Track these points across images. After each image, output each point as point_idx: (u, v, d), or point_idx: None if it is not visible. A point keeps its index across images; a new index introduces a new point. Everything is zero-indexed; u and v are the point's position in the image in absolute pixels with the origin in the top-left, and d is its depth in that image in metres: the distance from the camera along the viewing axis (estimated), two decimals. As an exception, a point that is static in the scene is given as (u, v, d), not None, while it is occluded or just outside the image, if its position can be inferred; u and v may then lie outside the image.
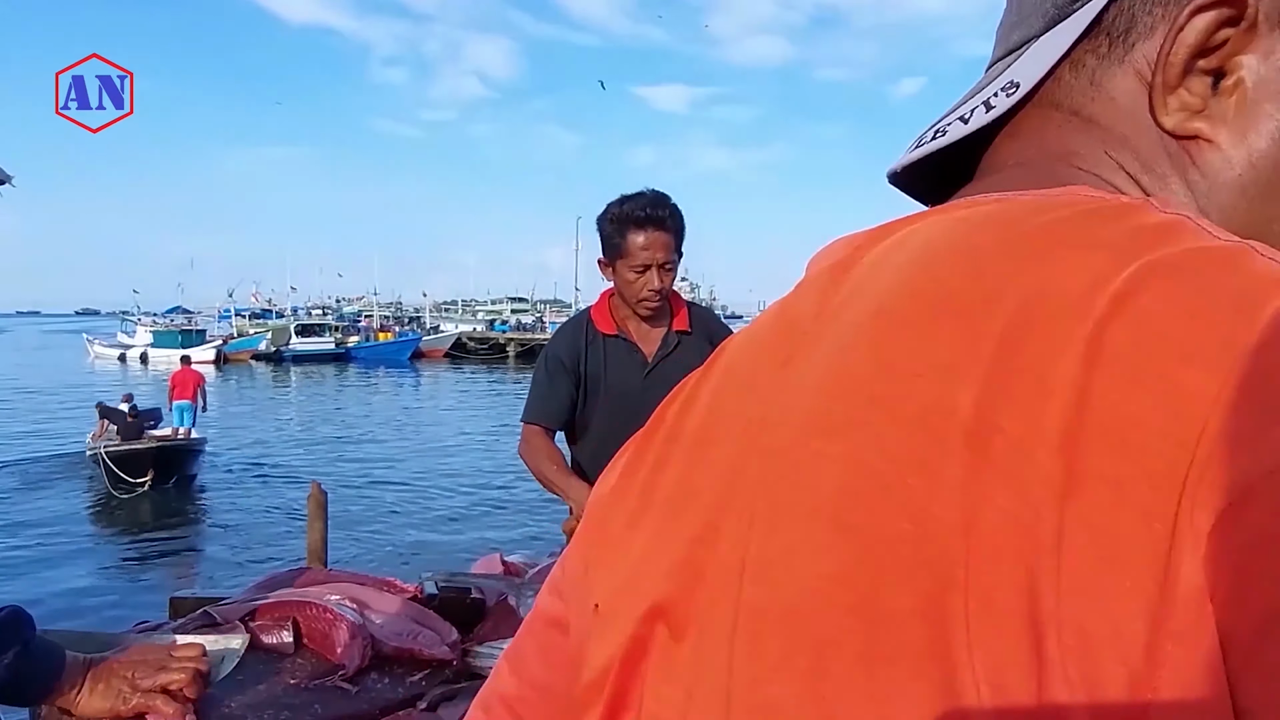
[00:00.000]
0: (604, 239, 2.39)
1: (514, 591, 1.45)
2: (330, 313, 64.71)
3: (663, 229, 2.31)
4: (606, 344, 2.45)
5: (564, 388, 2.43)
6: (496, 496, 14.33)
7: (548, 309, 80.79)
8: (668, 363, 2.45)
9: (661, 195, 2.35)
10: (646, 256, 2.31)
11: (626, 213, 2.31)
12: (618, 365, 2.44)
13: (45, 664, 1.15)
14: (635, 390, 2.42)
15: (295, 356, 46.64)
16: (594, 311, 2.51)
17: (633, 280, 2.35)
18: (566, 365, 2.43)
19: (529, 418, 2.45)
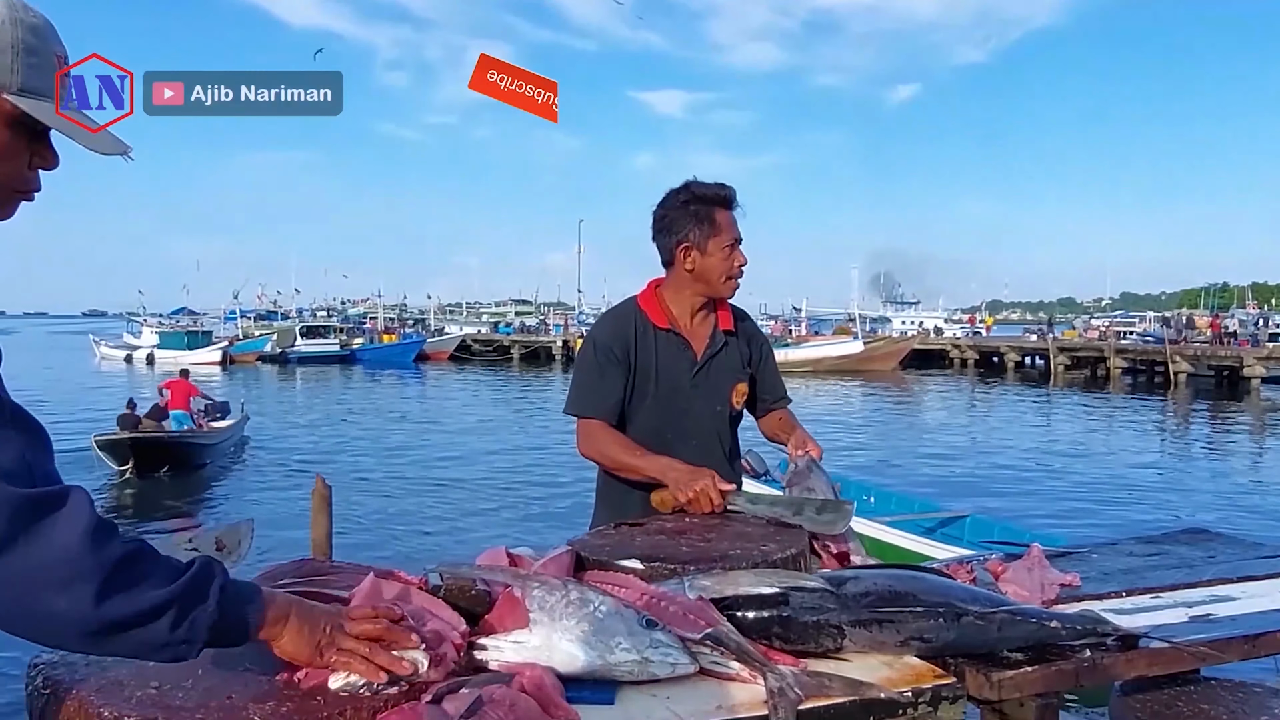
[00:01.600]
0: (684, 221, 2.36)
1: (519, 584, 1.42)
2: (335, 314, 64.70)
3: (736, 207, 2.39)
4: (659, 337, 2.40)
5: (616, 379, 2.36)
6: (502, 492, 14.40)
7: (551, 311, 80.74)
8: (715, 362, 2.43)
9: (723, 183, 2.39)
10: (735, 232, 2.35)
11: (710, 193, 2.34)
12: (669, 360, 2.40)
13: (245, 608, 1.17)
14: (684, 388, 2.39)
15: (300, 358, 46.72)
16: (643, 302, 2.45)
17: (725, 257, 2.35)
18: (617, 355, 2.37)
19: (584, 412, 2.37)
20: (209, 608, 1.11)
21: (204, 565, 1.14)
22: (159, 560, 1.11)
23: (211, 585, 1.13)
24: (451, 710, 1.19)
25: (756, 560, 1.68)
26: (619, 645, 1.35)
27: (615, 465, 2.31)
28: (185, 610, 1.09)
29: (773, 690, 1.33)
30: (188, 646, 1.10)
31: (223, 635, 1.14)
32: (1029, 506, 12.90)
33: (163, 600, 1.07)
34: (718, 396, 2.42)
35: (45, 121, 1.08)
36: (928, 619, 1.52)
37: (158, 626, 1.07)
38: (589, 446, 2.35)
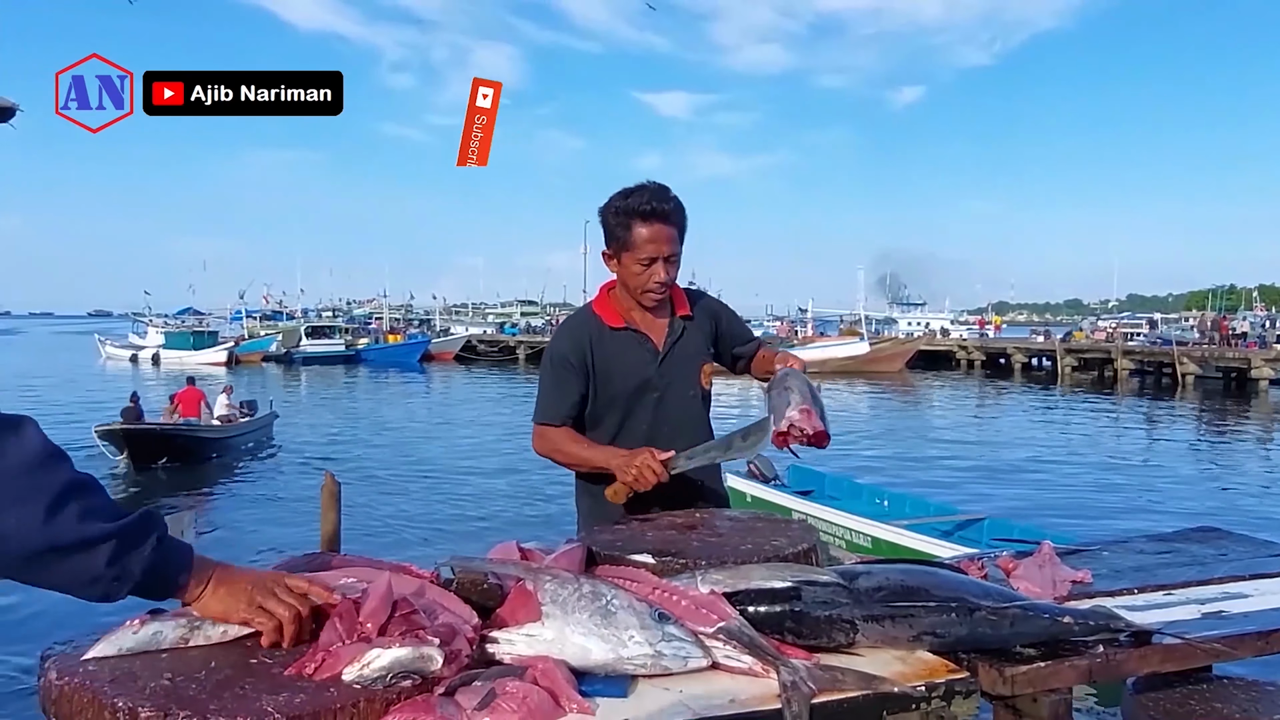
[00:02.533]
0: (607, 231, 2.38)
1: (531, 577, 1.42)
2: (340, 315, 64.82)
3: (666, 222, 2.31)
4: (615, 337, 2.43)
5: (573, 386, 2.41)
6: (510, 488, 14.46)
7: (557, 311, 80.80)
8: (678, 348, 2.45)
9: (663, 188, 2.33)
10: (652, 249, 2.31)
11: (631, 206, 2.30)
12: (628, 357, 2.42)
13: (178, 559, 1.25)
14: (651, 380, 2.41)
15: (305, 358, 46.85)
16: (596, 306, 2.49)
17: (639, 273, 2.34)
18: (574, 363, 2.41)
19: (540, 418, 2.44)
20: (144, 552, 1.17)
21: (147, 514, 1.21)
22: (106, 496, 1.18)
23: (151, 533, 1.19)
24: (464, 703, 1.19)
25: (768, 555, 1.68)
26: (631, 638, 1.34)
27: (565, 460, 2.40)
28: (124, 548, 1.14)
29: (786, 684, 1.32)
30: (118, 584, 1.15)
31: (151, 583, 1.20)
32: (1040, 508, 12.86)
33: (105, 533, 1.13)
34: (688, 381, 2.44)
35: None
36: (941, 614, 1.51)
37: (95, 557, 1.12)
38: (541, 444, 2.44)
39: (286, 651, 1.28)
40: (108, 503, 1.17)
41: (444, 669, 1.23)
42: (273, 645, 1.29)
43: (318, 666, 1.21)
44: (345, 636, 1.26)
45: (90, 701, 1.11)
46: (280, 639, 1.29)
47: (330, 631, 1.27)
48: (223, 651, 1.26)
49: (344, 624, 1.28)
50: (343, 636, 1.26)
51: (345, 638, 1.26)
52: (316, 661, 1.21)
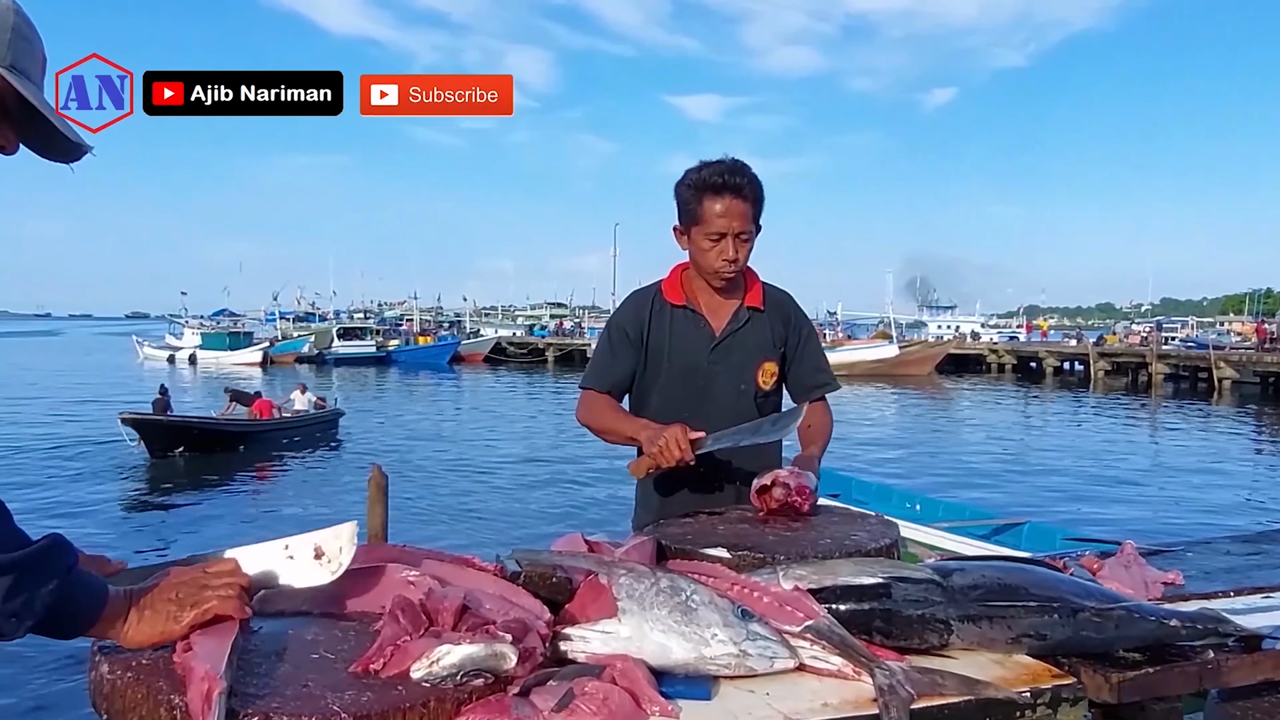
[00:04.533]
0: (680, 205, 2.28)
1: (604, 570, 1.33)
2: (372, 316, 65.18)
3: (740, 197, 2.20)
4: (674, 314, 2.34)
5: (625, 357, 2.33)
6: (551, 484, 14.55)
7: (586, 315, 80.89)
8: (735, 338, 2.33)
9: (740, 162, 2.22)
10: (722, 225, 2.20)
11: (703, 179, 2.20)
12: (683, 337, 2.33)
13: (87, 595, 1.10)
14: (701, 365, 2.31)
15: (337, 359, 47.22)
16: (664, 282, 2.40)
17: (707, 249, 2.24)
18: (630, 335, 2.33)
19: (585, 383, 2.37)
20: (49, 587, 1.03)
21: (55, 542, 1.07)
22: (7, 525, 1.04)
23: (57, 565, 1.05)
24: (540, 704, 1.10)
25: (850, 550, 1.58)
26: (714, 636, 1.25)
27: (599, 427, 2.31)
28: (24, 583, 1.01)
29: (882, 688, 1.22)
30: (15, 623, 1.02)
31: (57, 620, 1.06)
32: (1078, 513, 12.63)
33: (1, 565, 1.00)
34: (741, 375, 2.31)
35: (31, 99, 1.06)
36: (1041, 615, 1.41)
37: None
38: (583, 412, 2.36)
39: (350, 647, 1.19)
40: (7, 530, 1.03)
41: (517, 668, 1.14)
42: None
43: (385, 662, 1.13)
44: (412, 631, 1.17)
45: (145, 697, 1.04)
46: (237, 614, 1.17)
47: (394, 625, 1.18)
48: (282, 645, 1.18)
49: (409, 618, 1.20)
50: (409, 631, 1.17)
51: (412, 632, 1.17)
52: (384, 657, 1.13)
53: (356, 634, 1.23)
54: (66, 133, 1.09)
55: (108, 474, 15.26)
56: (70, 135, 1.10)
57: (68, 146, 1.12)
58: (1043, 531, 9.26)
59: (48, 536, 1.07)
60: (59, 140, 1.10)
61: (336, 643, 1.20)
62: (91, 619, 1.09)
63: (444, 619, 1.20)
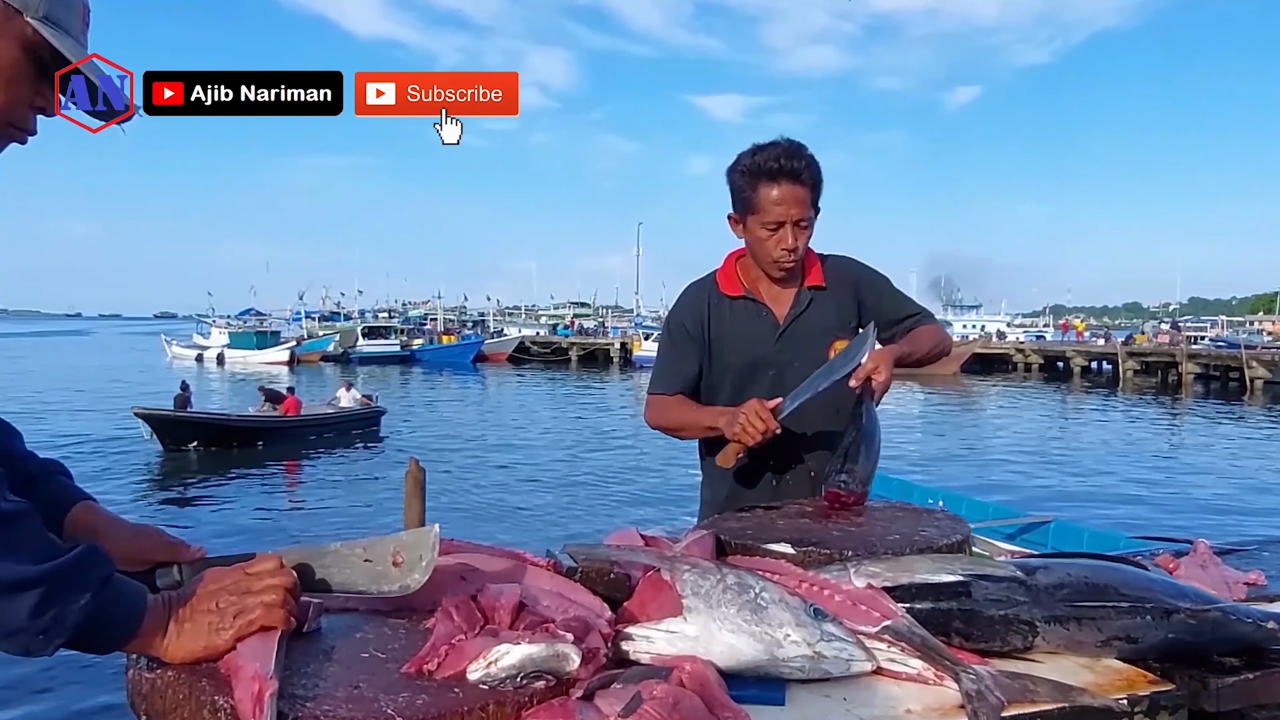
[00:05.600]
0: (734, 192, 2.18)
1: (666, 565, 1.25)
2: (396, 316, 65.50)
3: (798, 182, 2.09)
4: (732, 306, 2.24)
5: (690, 355, 2.24)
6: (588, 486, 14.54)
7: (609, 314, 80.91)
8: (800, 322, 2.23)
9: (796, 144, 2.12)
10: (780, 213, 2.10)
11: (758, 164, 2.10)
12: (745, 329, 2.23)
13: (124, 609, 1.00)
14: (767, 356, 2.21)
15: (362, 358, 47.52)
16: (719, 274, 2.30)
17: (764, 238, 2.14)
18: (690, 332, 2.24)
19: (653, 389, 2.28)
20: (82, 601, 0.94)
21: (90, 552, 0.98)
22: (38, 531, 0.96)
23: (92, 577, 0.97)
24: (606, 708, 1.02)
25: (920, 546, 1.49)
26: (787, 637, 1.17)
27: (674, 425, 2.25)
28: (54, 597, 0.93)
29: (970, 693, 1.14)
30: (44, 640, 0.93)
31: (90, 637, 0.97)
32: (1108, 513, 12.42)
33: (29, 577, 0.91)
34: (811, 360, 2.18)
35: (67, 54, 0.98)
36: (1134, 616, 1.31)
37: (15, 607, 0.91)
38: (653, 415, 2.29)
39: (401, 646, 1.12)
40: (39, 540, 0.95)
41: (580, 669, 1.06)
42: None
43: (439, 663, 1.05)
44: (466, 629, 1.10)
45: (186, 698, 0.97)
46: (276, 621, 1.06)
47: (448, 623, 1.11)
48: (329, 643, 1.11)
49: (463, 615, 1.12)
50: (463, 629, 1.10)
51: (466, 631, 1.10)
52: (438, 657, 1.05)
53: (407, 632, 1.15)
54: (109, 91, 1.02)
55: (121, 467, 15.71)
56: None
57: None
58: (1069, 530, 9.08)
59: (81, 545, 0.98)
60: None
61: (386, 641, 1.13)
62: (128, 634, 1.00)
63: (500, 617, 1.13)
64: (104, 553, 1.00)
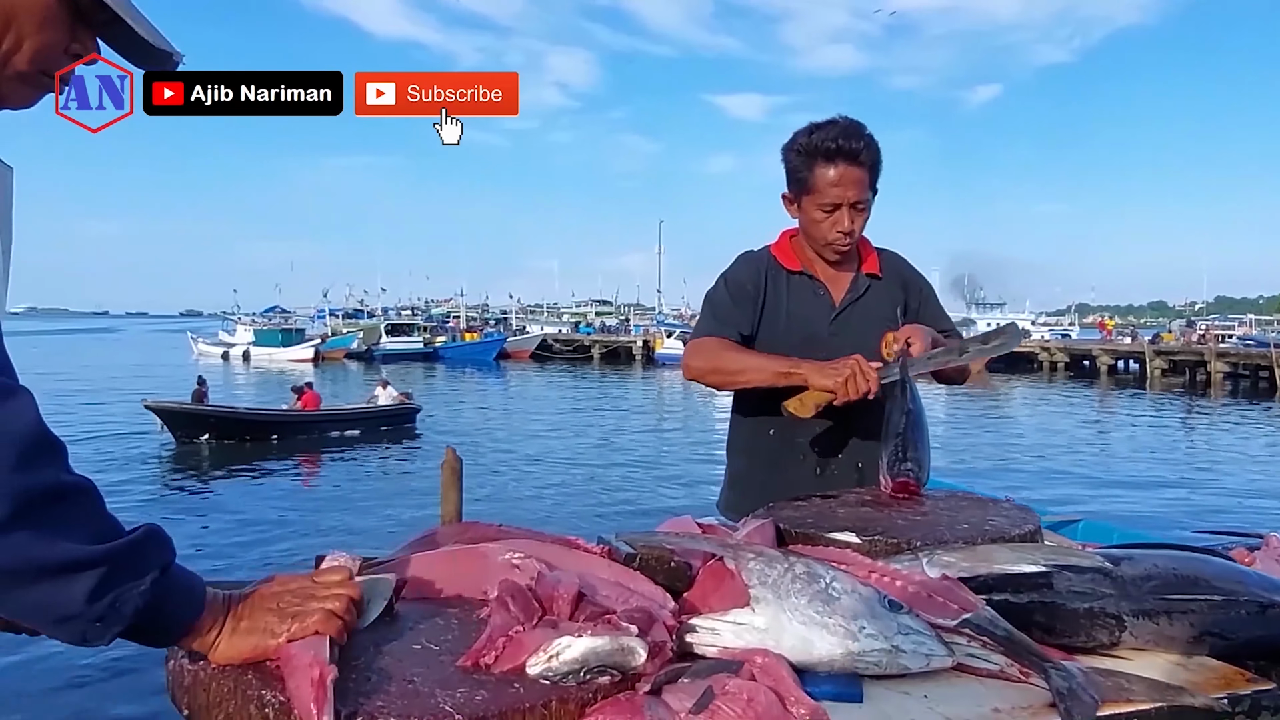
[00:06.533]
0: (789, 172, 2.11)
1: (731, 553, 1.17)
2: (419, 313, 65.74)
3: (856, 163, 2.01)
4: (790, 280, 2.16)
5: (747, 309, 2.12)
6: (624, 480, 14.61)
7: (631, 312, 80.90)
8: (856, 308, 2.16)
9: (855, 124, 2.04)
10: (836, 194, 2.02)
11: (815, 143, 2.02)
12: (802, 304, 2.15)
13: (184, 599, 0.93)
14: (821, 335, 2.13)
15: (385, 355, 47.71)
16: (775, 249, 2.22)
17: (819, 221, 2.06)
18: (749, 291, 2.13)
19: (704, 332, 2.13)
20: (141, 586, 0.87)
21: (151, 533, 0.91)
22: (99, 507, 0.88)
23: (153, 561, 0.89)
24: (675, 704, 0.96)
25: (991, 536, 1.41)
26: (862, 630, 1.09)
27: (732, 368, 2.03)
28: (112, 580, 0.85)
29: (1061, 691, 1.06)
30: (100, 627, 0.86)
31: (146, 626, 0.89)
32: (1136, 510, 12.22)
33: (86, 557, 0.83)
34: (863, 347, 2.08)
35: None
36: (1227, 610, 1.23)
37: (70, 590, 0.83)
38: (701, 359, 2.08)
39: (455, 638, 1.06)
40: (99, 516, 0.88)
41: (646, 663, 0.99)
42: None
43: (497, 656, 0.98)
44: (524, 620, 1.03)
45: (231, 692, 0.91)
46: (332, 630, 0.99)
47: (504, 613, 1.04)
48: (380, 634, 1.05)
49: (519, 605, 1.06)
50: (520, 620, 1.03)
51: (524, 622, 1.03)
52: (495, 650, 0.99)
53: (460, 623, 1.09)
54: (148, 36, 0.95)
55: (132, 457, 16.06)
56: (152, 40, 0.95)
57: (155, 54, 0.98)
58: (1099, 530, 8.91)
59: (144, 526, 0.91)
60: (140, 43, 0.96)
61: (439, 632, 1.07)
62: (186, 627, 0.94)
63: (559, 607, 1.06)
64: (166, 536, 0.93)
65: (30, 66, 0.91)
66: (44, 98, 0.95)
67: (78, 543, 0.83)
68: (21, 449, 0.80)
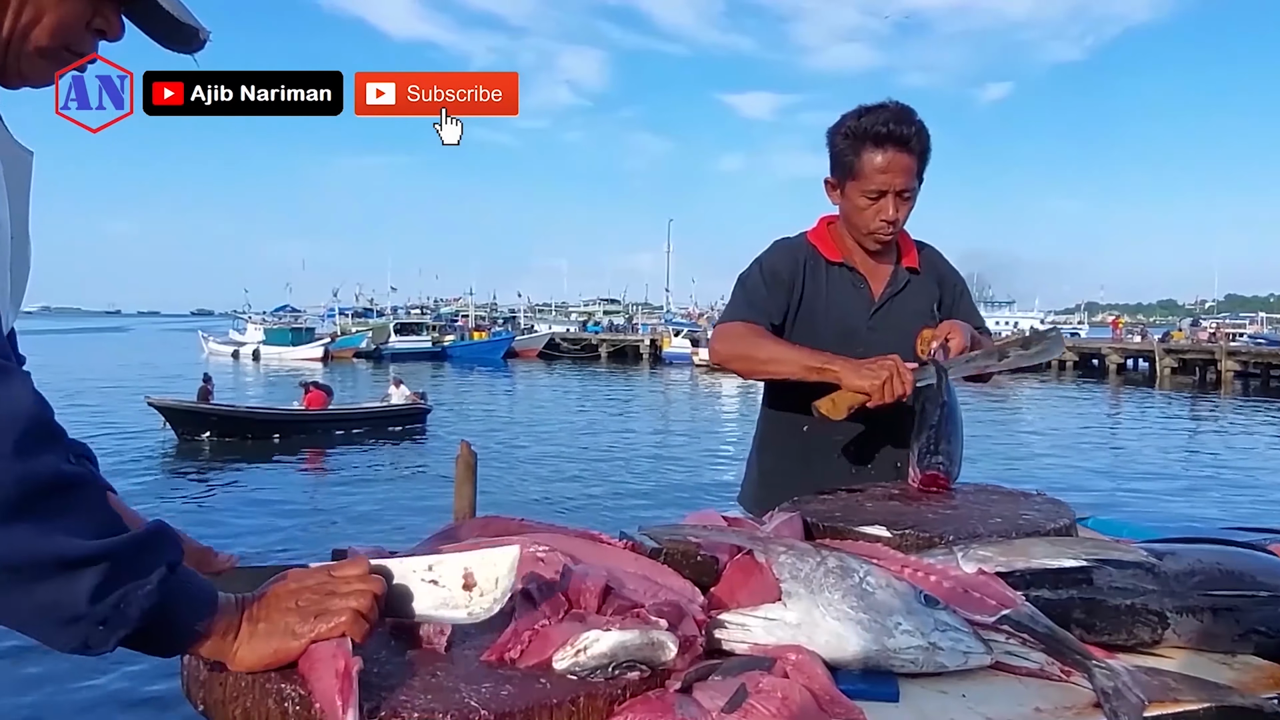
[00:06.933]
0: (834, 155, 2.04)
1: (760, 546, 1.14)
2: (428, 312, 65.84)
3: (905, 150, 1.95)
4: (829, 271, 2.09)
5: (780, 297, 2.05)
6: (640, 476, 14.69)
7: (639, 311, 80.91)
8: (895, 303, 2.10)
9: (907, 110, 1.98)
10: (882, 181, 1.96)
11: (863, 127, 1.96)
12: (841, 298, 2.08)
13: (194, 602, 0.86)
14: (860, 329, 2.06)
15: (394, 354, 47.76)
16: (812, 236, 2.14)
17: (863, 207, 2.00)
18: (784, 279, 2.06)
19: (732, 316, 2.06)
20: (149, 585, 0.80)
21: (159, 529, 0.85)
22: (100, 502, 0.82)
23: (159, 558, 0.82)
24: (707, 702, 0.92)
25: (1025, 530, 1.37)
26: (898, 626, 1.06)
27: (762, 356, 1.96)
28: (117, 578, 0.78)
29: (1106, 691, 1.02)
30: (104, 631, 0.78)
31: (154, 630, 0.82)
32: (1148, 509, 12.13)
33: (90, 553, 0.76)
34: (902, 343, 2.03)
35: None
36: (1275, 606, 1.19)
37: (71, 588, 0.76)
38: (729, 345, 2.01)
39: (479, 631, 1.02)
40: (102, 509, 0.81)
41: (677, 659, 0.96)
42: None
43: (523, 650, 0.95)
44: (550, 614, 1.00)
45: (249, 686, 0.87)
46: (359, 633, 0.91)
47: (529, 607, 1.01)
48: (404, 629, 1.02)
49: (545, 598, 1.02)
50: (546, 614, 1.00)
51: (550, 615, 1.00)
52: (521, 644, 0.95)
53: (483, 617, 1.05)
54: (173, 10, 0.91)
55: (134, 452, 16.30)
56: (177, 13, 0.92)
57: (183, 30, 0.94)
58: (1109, 528, 8.85)
59: (151, 522, 0.86)
60: (166, 19, 0.92)
61: (462, 626, 1.03)
62: (198, 631, 0.86)
63: (586, 600, 1.03)
64: (173, 532, 0.87)
65: (52, 41, 0.88)
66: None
67: (80, 537, 0.77)
68: (19, 435, 0.74)
